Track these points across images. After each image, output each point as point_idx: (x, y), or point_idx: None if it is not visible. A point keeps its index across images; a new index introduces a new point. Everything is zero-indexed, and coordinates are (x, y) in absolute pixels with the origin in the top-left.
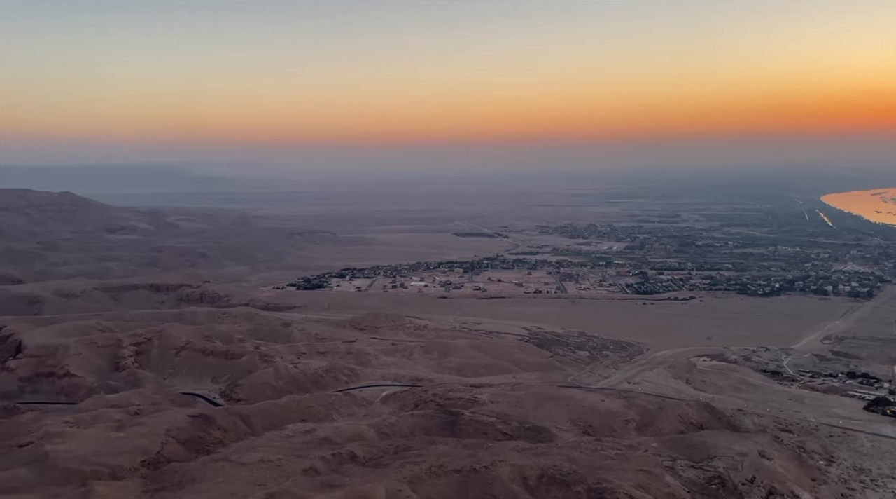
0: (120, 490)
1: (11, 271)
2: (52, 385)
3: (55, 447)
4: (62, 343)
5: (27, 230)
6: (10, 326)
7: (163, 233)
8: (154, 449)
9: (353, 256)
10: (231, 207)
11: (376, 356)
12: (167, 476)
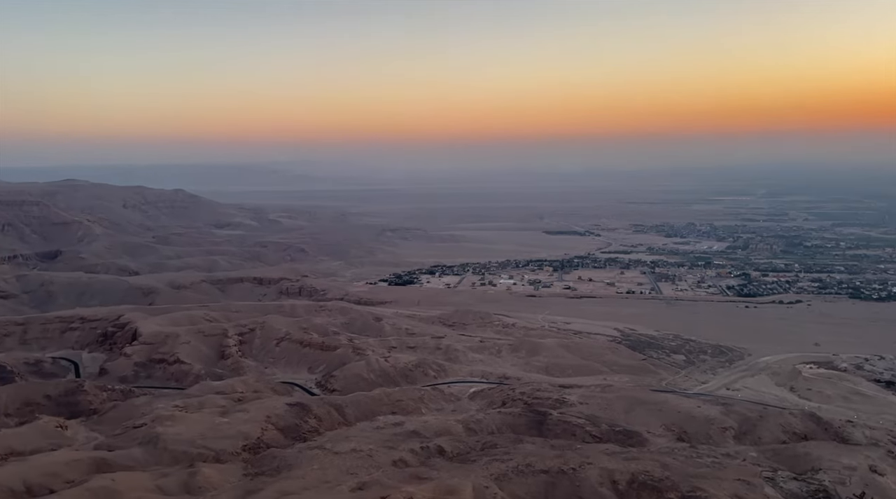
0: (223, 473)
1: (129, 264)
2: (163, 371)
3: (165, 430)
4: (173, 332)
5: (143, 225)
6: (128, 315)
7: (266, 229)
8: (255, 435)
9: (442, 253)
10: (329, 205)
11: (464, 353)
12: (266, 461)
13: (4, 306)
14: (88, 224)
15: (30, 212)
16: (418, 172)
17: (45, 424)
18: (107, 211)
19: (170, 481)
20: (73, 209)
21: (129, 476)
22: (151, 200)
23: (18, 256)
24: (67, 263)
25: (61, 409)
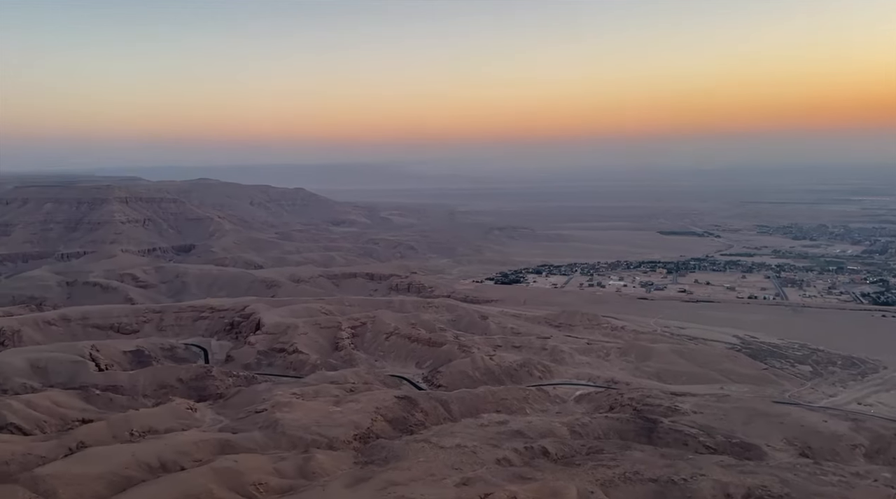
0: (335, 460)
1: (255, 258)
2: (283, 360)
3: (284, 416)
4: (292, 323)
5: (267, 222)
6: (252, 306)
7: (378, 226)
8: (365, 425)
9: (550, 252)
10: (439, 203)
11: (571, 355)
12: (375, 451)
13: (144, 295)
14: (219, 220)
15: (168, 208)
16: (527, 171)
17: (177, 405)
18: (235, 208)
19: (287, 464)
20: (206, 206)
21: (250, 458)
22: (275, 197)
23: (157, 249)
24: (200, 257)
25: (191, 392)
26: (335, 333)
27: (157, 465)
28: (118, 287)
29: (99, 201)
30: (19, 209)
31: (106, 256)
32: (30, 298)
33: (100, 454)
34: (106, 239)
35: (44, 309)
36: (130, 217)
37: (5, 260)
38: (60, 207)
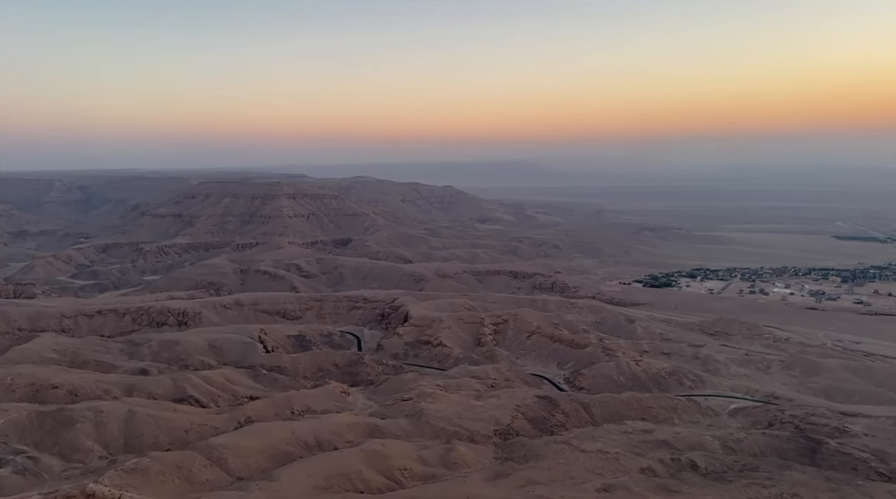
0: (476, 453)
1: (405, 252)
2: (428, 352)
3: (428, 406)
4: (437, 317)
5: (417, 218)
6: (401, 299)
7: (523, 224)
8: (505, 421)
9: (705, 255)
10: (586, 201)
11: (726, 365)
12: (514, 448)
13: (306, 284)
14: (374, 216)
15: (329, 204)
16: (679, 168)
17: (332, 388)
18: (388, 204)
19: (430, 453)
20: (362, 202)
21: (396, 444)
22: (425, 195)
23: (318, 242)
24: (356, 250)
25: (345, 376)
26: (478, 329)
27: (314, 443)
28: (284, 276)
29: (270, 197)
30: (202, 203)
31: (275, 248)
32: (209, 283)
33: (264, 429)
34: (275, 231)
35: (221, 294)
36: (296, 212)
37: (190, 249)
38: (237, 202)
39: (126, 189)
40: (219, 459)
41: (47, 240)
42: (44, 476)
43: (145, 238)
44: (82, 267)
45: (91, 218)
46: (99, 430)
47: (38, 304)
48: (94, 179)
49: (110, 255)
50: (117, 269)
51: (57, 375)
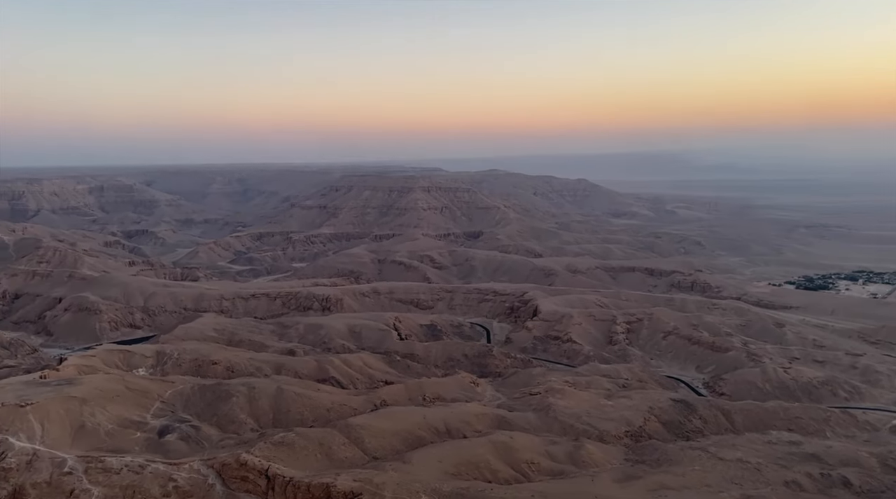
0: (606, 453)
1: (535, 246)
2: (557, 347)
3: (556, 402)
4: (567, 313)
5: (548, 211)
6: (531, 293)
7: (661, 219)
8: (637, 423)
9: (870, 256)
10: (732, 196)
11: (889, 377)
12: (646, 451)
13: (438, 275)
14: (504, 209)
15: (461, 197)
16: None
17: (462, 378)
18: (520, 197)
19: (557, 449)
20: (494, 196)
21: (523, 437)
22: (557, 188)
23: (451, 235)
24: (486, 243)
25: (474, 367)
26: (609, 327)
27: (444, 429)
28: (418, 267)
29: (406, 190)
30: (345, 195)
31: (409, 239)
32: (350, 271)
33: (398, 413)
34: (410, 223)
35: (360, 282)
36: (430, 204)
37: (333, 238)
38: (376, 195)
39: (278, 182)
40: (356, 438)
41: (210, 228)
42: (204, 444)
43: (294, 228)
44: (239, 253)
45: (248, 208)
46: (251, 404)
47: (202, 286)
48: (250, 172)
49: (264, 243)
50: (269, 256)
51: (216, 352)
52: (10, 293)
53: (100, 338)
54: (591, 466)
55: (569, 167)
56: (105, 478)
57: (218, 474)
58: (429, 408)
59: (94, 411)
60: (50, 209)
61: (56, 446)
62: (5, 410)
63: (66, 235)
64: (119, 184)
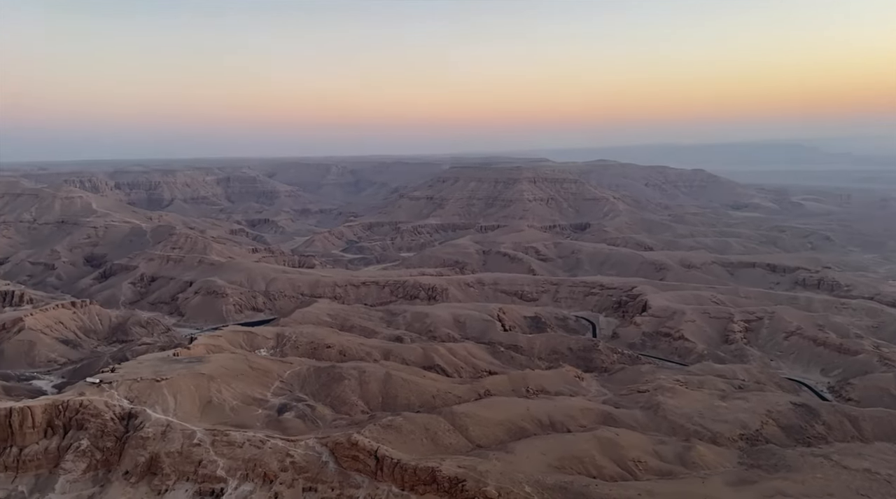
0: (718, 455)
1: (645, 239)
2: (667, 345)
3: (665, 401)
4: (679, 309)
5: (661, 203)
6: (640, 288)
7: (786, 212)
8: (753, 426)
9: None
10: (868, 188)
11: None
12: (763, 456)
13: (543, 267)
14: (613, 201)
15: (568, 188)
16: None
17: (566, 372)
18: (630, 189)
19: (666, 449)
20: (602, 187)
21: (629, 434)
22: (671, 179)
23: (556, 226)
24: (593, 235)
25: (578, 361)
26: (725, 325)
27: (547, 422)
28: (523, 258)
29: (511, 181)
30: (451, 187)
31: (514, 230)
32: (455, 262)
33: (501, 403)
34: (515, 215)
35: (465, 273)
36: (536, 196)
37: (440, 229)
38: (481, 186)
39: (388, 173)
40: (460, 425)
41: (324, 217)
42: (318, 423)
43: (402, 218)
44: (351, 242)
45: (359, 199)
46: (362, 387)
47: (317, 273)
48: (363, 164)
49: (374, 232)
50: (379, 245)
51: (330, 336)
52: (148, 276)
53: (225, 319)
54: (702, 468)
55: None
56: (229, 450)
57: (331, 453)
58: (532, 400)
59: (221, 387)
60: (182, 199)
61: (186, 419)
62: (144, 384)
63: (197, 223)
64: (244, 175)
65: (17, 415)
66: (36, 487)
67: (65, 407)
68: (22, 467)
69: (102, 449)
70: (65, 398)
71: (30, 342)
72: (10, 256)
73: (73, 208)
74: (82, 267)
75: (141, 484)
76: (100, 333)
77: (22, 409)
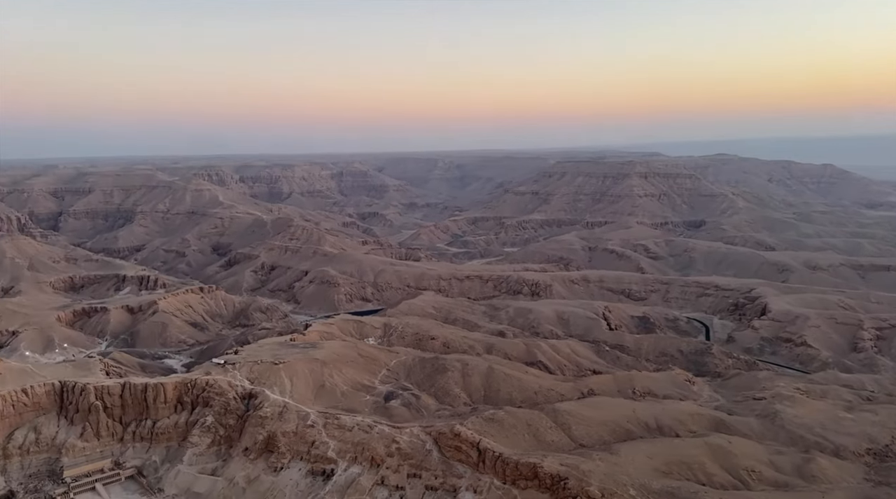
0: (840, 469)
1: (766, 238)
2: (788, 351)
3: (784, 409)
4: (802, 313)
5: (785, 200)
6: (759, 290)
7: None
8: (882, 441)
9: None
10: None
11: None
12: (893, 473)
13: (653, 266)
14: (732, 197)
15: (682, 184)
16: None
17: (675, 375)
18: (751, 184)
19: (783, 459)
20: (720, 182)
21: (743, 443)
22: (797, 174)
23: (668, 223)
24: (709, 233)
25: (689, 365)
26: (854, 332)
27: (654, 426)
28: (631, 256)
29: (621, 176)
30: (557, 181)
31: (623, 227)
32: (560, 258)
33: (606, 404)
34: (624, 211)
35: (570, 269)
36: (647, 191)
37: (545, 224)
38: (589, 181)
39: (494, 168)
40: (563, 423)
41: (430, 211)
42: (422, 412)
43: (507, 213)
44: (456, 236)
45: (464, 193)
46: (465, 380)
47: (423, 266)
48: (469, 158)
49: (478, 227)
50: (483, 240)
51: (435, 328)
52: (268, 265)
53: (337, 308)
54: (823, 481)
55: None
56: (340, 433)
57: (434, 441)
58: (639, 402)
59: (332, 372)
60: (299, 192)
61: (301, 401)
62: (264, 366)
63: (312, 216)
64: (355, 170)
65: (152, 390)
66: (167, 457)
67: (193, 385)
68: (155, 439)
69: (225, 426)
70: (193, 377)
71: (162, 324)
72: (146, 244)
73: (202, 200)
74: (209, 255)
75: (259, 461)
76: (224, 317)
77: (156, 385)
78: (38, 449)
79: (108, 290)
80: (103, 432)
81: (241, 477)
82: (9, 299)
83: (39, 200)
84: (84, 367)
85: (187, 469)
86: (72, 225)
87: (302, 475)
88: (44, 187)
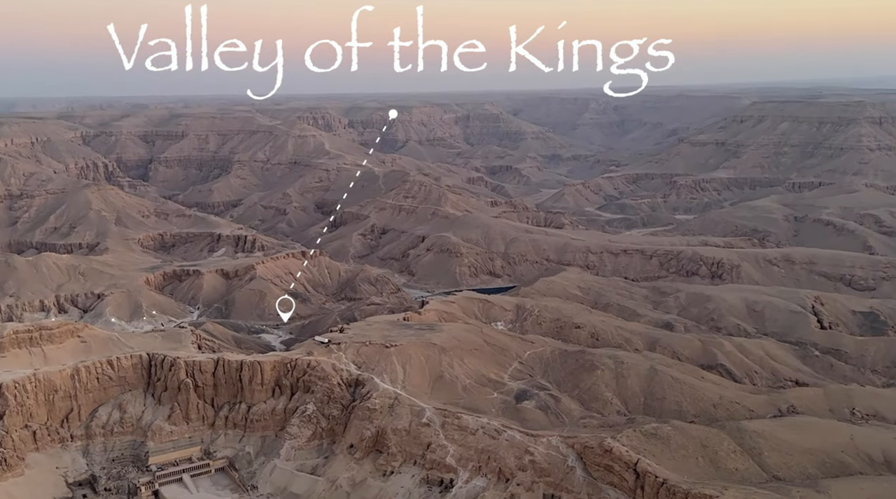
0: None
1: None
2: None
3: None
4: None
5: None
6: None
7: None
8: None
9: None
10: None
11: None
12: None
13: (887, 245)
14: None
15: None
16: None
17: None
18: None
19: None
20: None
21: None
22: None
23: None
24: None
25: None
26: None
27: (880, 459)
28: (855, 230)
29: (844, 122)
30: (753, 128)
31: (845, 191)
32: (752, 230)
33: (813, 426)
34: (847, 169)
35: (766, 245)
36: (882, 143)
37: (732, 185)
38: (798, 128)
39: (665, 110)
40: (751, 447)
41: (578, 166)
42: (563, 418)
43: (680, 169)
44: (610, 198)
45: (623, 143)
46: (618, 382)
47: (566, 235)
48: (631, 98)
49: (640, 186)
50: (647, 203)
51: (580, 314)
52: (378, 228)
53: (458, 283)
54: None
55: None
56: (461, 436)
57: (578, 457)
58: (859, 426)
59: (453, 361)
60: (417, 140)
61: (415, 394)
62: (373, 349)
63: (431, 169)
64: (485, 113)
65: (248, 369)
66: (262, 449)
67: (293, 366)
68: (249, 427)
69: (328, 416)
70: (293, 356)
71: (260, 292)
72: (243, 199)
73: (307, 148)
74: (313, 214)
75: (366, 461)
76: (328, 287)
77: (252, 364)
78: (122, 430)
79: (202, 250)
80: (193, 415)
81: (345, 479)
82: (94, 257)
83: (128, 144)
84: (174, 338)
85: (284, 465)
86: (162, 174)
87: (415, 483)
88: (133, 130)
